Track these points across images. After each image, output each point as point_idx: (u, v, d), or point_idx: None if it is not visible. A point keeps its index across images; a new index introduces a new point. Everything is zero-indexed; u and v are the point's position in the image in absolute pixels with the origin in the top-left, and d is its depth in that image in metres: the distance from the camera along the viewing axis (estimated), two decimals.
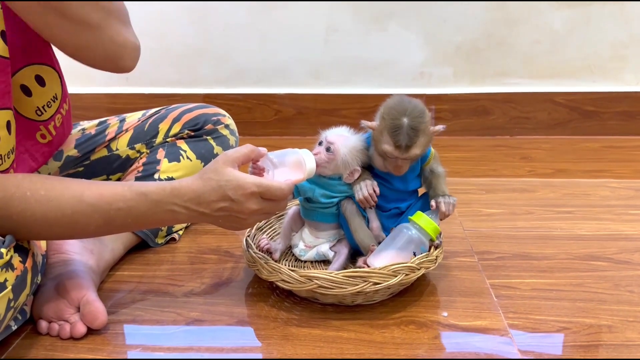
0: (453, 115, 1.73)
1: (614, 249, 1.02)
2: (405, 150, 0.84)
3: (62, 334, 0.79)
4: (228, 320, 0.84)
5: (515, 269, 0.96)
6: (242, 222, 0.79)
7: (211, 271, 0.98)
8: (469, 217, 1.16)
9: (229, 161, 0.77)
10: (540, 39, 1.66)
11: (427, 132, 0.85)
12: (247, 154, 0.79)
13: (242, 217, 0.77)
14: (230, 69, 1.74)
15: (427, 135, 0.85)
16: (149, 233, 1.04)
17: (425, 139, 0.85)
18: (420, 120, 0.84)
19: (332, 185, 0.90)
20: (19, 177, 0.73)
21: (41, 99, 0.90)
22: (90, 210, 0.74)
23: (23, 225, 0.72)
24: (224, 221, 0.79)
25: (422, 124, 0.84)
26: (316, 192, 0.91)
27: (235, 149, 0.80)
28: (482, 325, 0.81)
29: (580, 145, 1.64)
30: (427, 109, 0.86)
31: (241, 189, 0.75)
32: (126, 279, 0.96)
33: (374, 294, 0.83)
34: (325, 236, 0.95)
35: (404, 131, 0.83)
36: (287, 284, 0.82)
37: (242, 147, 0.80)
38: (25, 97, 0.87)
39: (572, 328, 0.80)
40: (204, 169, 0.78)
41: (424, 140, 0.85)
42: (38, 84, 0.89)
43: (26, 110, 0.88)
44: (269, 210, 0.79)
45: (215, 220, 0.79)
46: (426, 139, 0.85)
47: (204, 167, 1.12)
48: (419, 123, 0.83)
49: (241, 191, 0.75)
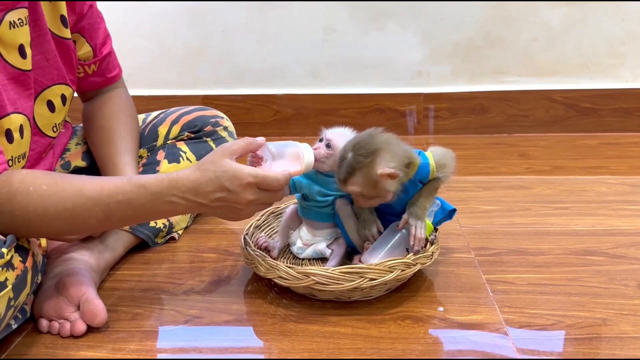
0: (451, 114, 1.74)
1: (610, 243, 1.03)
2: (343, 184, 0.83)
3: (62, 332, 0.80)
4: (227, 317, 0.85)
5: (511, 264, 0.97)
6: (239, 213, 0.80)
7: (210, 269, 0.99)
8: (466, 214, 1.17)
9: (227, 153, 0.78)
10: (537, 36, 1.67)
11: (369, 173, 0.81)
12: (245, 147, 0.80)
13: (239, 207, 0.78)
14: (229, 70, 1.75)
15: (368, 176, 0.81)
16: (149, 233, 1.05)
17: (366, 180, 0.81)
18: (361, 160, 0.81)
19: (329, 182, 0.91)
20: (23, 173, 0.75)
21: (59, 117, 0.94)
22: (91, 204, 0.75)
23: (25, 220, 0.73)
24: (222, 211, 0.80)
25: (360, 163, 0.81)
26: (313, 189, 0.92)
27: (233, 142, 0.81)
28: (478, 319, 0.82)
29: (578, 142, 1.64)
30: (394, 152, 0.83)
31: (237, 179, 0.76)
32: (126, 278, 0.97)
33: (371, 290, 0.84)
34: (322, 234, 0.96)
35: (343, 165, 0.82)
36: (284, 280, 0.83)
37: (240, 140, 0.81)
38: (48, 112, 0.91)
39: (567, 321, 0.81)
40: (201, 161, 0.79)
41: (364, 181, 0.81)
42: (61, 103, 0.93)
43: (46, 126, 0.92)
44: (265, 200, 0.80)
45: (213, 210, 0.80)
46: (367, 180, 0.81)
47: None
48: (357, 162, 0.81)
49: (237, 182, 0.76)
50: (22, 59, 0.81)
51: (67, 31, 0.92)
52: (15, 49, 0.80)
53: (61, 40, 0.92)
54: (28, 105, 0.84)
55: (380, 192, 0.84)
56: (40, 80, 0.88)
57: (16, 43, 0.80)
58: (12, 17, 0.78)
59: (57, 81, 0.92)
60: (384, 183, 0.82)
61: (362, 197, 0.85)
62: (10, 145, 0.81)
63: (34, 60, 0.86)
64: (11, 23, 0.78)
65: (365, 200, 0.85)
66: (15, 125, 0.80)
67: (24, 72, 0.82)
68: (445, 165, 0.89)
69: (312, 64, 1.73)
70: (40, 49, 0.87)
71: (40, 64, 0.88)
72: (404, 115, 1.74)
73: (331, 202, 0.93)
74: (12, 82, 0.81)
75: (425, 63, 1.72)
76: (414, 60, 1.72)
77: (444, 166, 0.89)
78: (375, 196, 0.84)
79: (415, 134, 1.74)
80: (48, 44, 0.89)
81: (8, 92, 0.80)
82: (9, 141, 0.80)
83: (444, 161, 0.89)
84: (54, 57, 0.90)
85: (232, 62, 1.74)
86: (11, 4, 0.78)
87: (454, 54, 1.71)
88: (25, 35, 0.81)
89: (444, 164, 0.89)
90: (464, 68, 1.72)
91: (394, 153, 0.82)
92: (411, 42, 1.70)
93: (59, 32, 0.91)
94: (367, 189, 0.82)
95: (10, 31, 0.78)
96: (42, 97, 0.90)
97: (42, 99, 0.90)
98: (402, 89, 1.73)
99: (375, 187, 0.82)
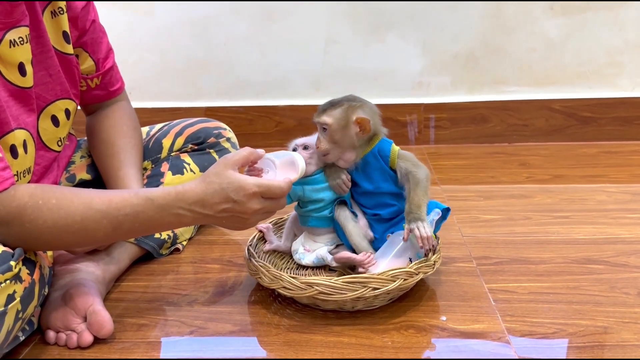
0: (452, 124, 1.75)
1: (610, 252, 1.04)
2: (321, 113, 0.91)
3: (69, 343, 0.81)
4: (231, 327, 0.85)
5: (513, 273, 0.98)
6: (244, 222, 0.81)
7: (214, 280, 1.00)
8: (467, 223, 1.18)
9: (229, 164, 0.80)
10: (536, 46, 1.69)
11: (347, 113, 0.89)
12: (246, 157, 0.82)
13: (244, 217, 0.80)
14: (231, 81, 1.77)
15: (345, 115, 0.89)
16: (154, 245, 1.06)
17: (341, 117, 0.89)
18: (351, 102, 0.90)
19: (316, 180, 0.94)
20: (32, 187, 0.76)
21: (64, 131, 0.96)
22: (99, 217, 0.76)
23: (34, 233, 0.74)
24: (227, 222, 0.81)
25: (347, 102, 0.90)
26: (306, 190, 0.94)
27: (235, 153, 0.83)
28: (481, 328, 0.82)
29: (578, 151, 1.65)
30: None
31: (243, 190, 0.78)
32: (131, 289, 0.98)
33: (374, 299, 0.85)
34: (323, 240, 0.97)
35: (330, 102, 0.91)
36: (288, 290, 0.84)
37: (241, 150, 0.83)
38: (53, 127, 0.93)
39: (569, 330, 0.81)
40: (205, 173, 0.81)
41: (339, 116, 0.89)
42: (65, 117, 0.95)
43: (50, 141, 0.93)
44: (269, 208, 0.82)
45: (219, 221, 0.81)
46: (342, 118, 0.89)
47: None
48: (345, 101, 0.90)
49: (243, 192, 0.78)
50: (22, 77, 0.82)
51: (69, 47, 0.94)
52: (15, 67, 0.81)
53: (64, 56, 0.93)
54: (30, 121, 0.86)
55: (344, 138, 0.90)
56: (43, 96, 0.90)
57: (16, 61, 0.81)
58: (13, 36, 0.80)
59: (60, 96, 0.93)
60: (353, 130, 0.89)
61: (327, 136, 0.90)
62: (15, 161, 0.82)
63: (37, 77, 0.87)
64: (11, 42, 0.80)
65: (328, 142, 0.90)
66: (19, 141, 0.82)
67: (24, 89, 0.83)
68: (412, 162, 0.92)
69: (313, 75, 1.75)
70: (43, 65, 0.89)
71: (43, 80, 0.90)
72: (405, 125, 1.76)
73: (327, 204, 0.95)
74: (13, 98, 0.82)
75: (426, 74, 1.73)
76: (414, 71, 1.73)
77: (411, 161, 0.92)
78: (337, 140, 0.90)
79: (417, 144, 1.76)
80: (51, 60, 0.90)
81: (10, 108, 0.82)
82: (13, 157, 0.82)
83: (410, 157, 0.92)
84: (57, 72, 0.92)
85: (234, 73, 1.76)
86: (12, 23, 0.80)
87: (454, 65, 1.72)
88: (25, 53, 0.83)
89: (410, 159, 0.92)
90: (464, 78, 1.73)
91: (373, 118, 0.91)
92: (411, 53, 1.71)
93: (62, 48, 0.93)
94: (337, 126, 0.89)
95: (10, 50, 0.80)
96: (46, 112, 0.91)
97: (46, 114, 0.91)
98: (402, 100, 1.75)
99: (345, 128, 0.89)
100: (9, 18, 0.79)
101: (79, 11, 0.96)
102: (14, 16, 0.80)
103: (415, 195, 0.87)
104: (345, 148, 0.91)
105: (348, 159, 0.92)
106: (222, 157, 0.82)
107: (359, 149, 0.92)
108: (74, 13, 0.95)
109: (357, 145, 0.91)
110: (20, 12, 0.81)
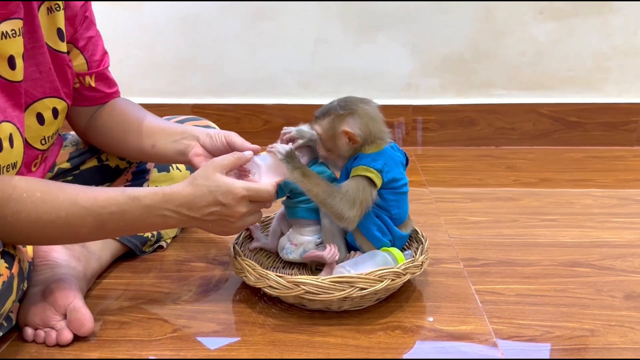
0: (439, 126, 1.75)
1: (597, 255, 1.04)
2: (314, 121, 0.89)
3: (48, 341, 0.79)
4: (215, 327, 0.84)
5: (499, 275, 0.97)
6: (230, 226, 0.82)
7: (199, 278, 0.98)
8: (454, 225, 1.18)
9: (218, 167, 0.80)
10: (525, 51, 1.69)
11: (335, 124, 0.87)
12: (234, 161, 0.82)
13: (231, 220, 0.80)
14: (219, 79, 1.76)
15: (333, 126, 0.87)
16: (136, 242, 1.04)
17: (330, 127, 0.87)
18: (338, 110, 0.87)
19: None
20: (16, 179, 0.74)
21: (50, 130, 0.93)
22: (84, 213, 0.75)
23: (16, 226, 0.72)
24: (214, 225, 0.81)
25: (335, 111, 0.87)
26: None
27: (223, 157, 0.82)
28: (467, 330, 0.82)
29: (564, 156, 1.66)
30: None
31: (231, 193, 0.78)
32: (113, 287, 0.96)
33: (361, 300, 0.84)
34: (310, 232, 0.95)
35: (324, 107, 0.89)
36: (274, 290, 0.83)
37: (229, 155, 0.83)
38: (37, 125, 0.90)
39: (556, 332, 0.81)
40: (193, 175, 0.80)
41: (328, 127, 0.87)
42: (52, 116, 0.92)
43: (33, 139, 0.91)
44: (256, 211, 0.83)
45: (204, 224, 0.81)
46: (330, 128, 0.87)
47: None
48: (333, 109, 0.87)
49: (231, 195, 0.78)
50: (11, 70, 0.80)
51: (63, 45, 0.92)
52: (4, 59, 0.79)
53: (56, 54, 0.91)
54: (16, 114, 0.83)
55: (334, 148, 0.89)
56: (31, 92, 0.88)
57: (6, 53, 0.79)
58: (5, 28, 0.78)
59: (49, 94, 0.91)
60: (341, 141, 0.87)
61: (321, 142, 0.90)
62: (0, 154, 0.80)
63: (27, 72, 0.85)
64: (3, 33, 0.78)
65: (323, 149, 0.90)
66: (4, 134, 0.80)
67: (12, 83, 0.81)
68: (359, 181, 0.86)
69: (302, 75, 1.74)
70: (34, 60, 0.87)
71: (32, 76, 0.87)
72: (393, 127, 1.75)
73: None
74: (0, 91, 0.80)
75: (415, 75, 1.73)
76: (403, 72, 1.73)
77: (359, 182, 0.86)
78: (330, 149, 0.90)
79: (404, 146, 1.75)
80: (43, 56, 0.88)
81: None
82: None
83: (353, 191, 0.86)
84: (48, 69, 0.89)
85: (222, 71, 1.75)
86: (5, 14, 0.78)
87: (443, 67, 1.72)
88: (17, 46, 0.81)
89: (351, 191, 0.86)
90: (453, 81, 1.74)
91: (366, 125, 0.87)
92: (401, 54, 1.71)
93: (55, 45, 0.91)
94: (326, 136, 0.88)
95: (2, 42, 0.78)
96: (31, 109, 0.89)
97: (31, 110, 0.89)
98: (391, 101, 1.74)
99: (333, 139, 0.88)
100: (3, 9, 0.77)
101: (77, 9, 0.94)
102: (9, 8, 0.78)
103: (315, 184, 0.84)
104: (339, 155, 0.90)
105: (340, 164, 0.92)
106: (210, 161, 0.82)
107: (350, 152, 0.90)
108: (72, 12, 0.93)
109: (349, 155, 0.89)
110: (15, 4, 0.79)
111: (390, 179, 0.88)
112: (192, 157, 0.94)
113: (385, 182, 0.87)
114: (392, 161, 0.89)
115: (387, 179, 0.87)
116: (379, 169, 0.86)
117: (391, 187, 0.89)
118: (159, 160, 1.02)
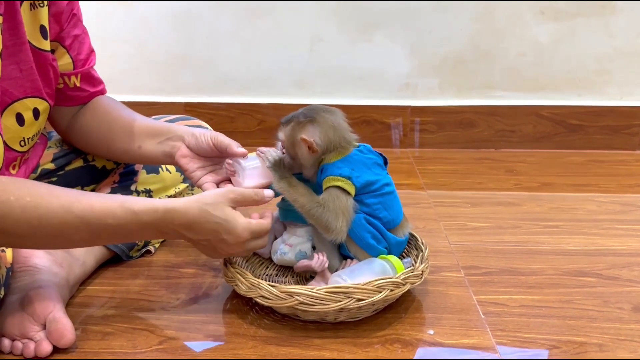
0: (438, 128, 1.71)
1: (602, 264, 1.00)
2: (279, 128, 0.87)
3: (26, 353, 0.75)
4: (204, 338, 0.79)
5: (502, 284, 0.93)
6: (220, 254, 0.81)
7: (187, 286, 0.93)
8: (454, 231, 1.14)
9: (231, 200, 0.78)
10: (525, 51, 1.66)
11: (294, 131, 0.84)
12: (252, 201, 0.81)
13: (222, 252, 0.80)
14: (213, 77, 1.71)
15: (293, 133, 0.85)
16: (123, 247, 1.00)
17: (290, 135, 0.85)
18: (299, 117, 0.85)
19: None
20: (4, 180, 0.70)
21: (30, 131, 0.88)
22: (78, 222, 0.71)
23: (2, 231, 0.68)
24: (204, 248, 0.80)
25: (296, 119, 0.85)
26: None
27: (243, 190, 0.80)
28: (470, 343, 0.78)
29: (566, 159, 1.63)
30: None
31: (234, 234, 0.77)
32: (97, 294, 0.91)
33: (358, 311, 0.80)
34: (304, 233, 0.91)
35: (288, 115, 0.87)
36: (266, 300, 0.78)
37: (251, 191, 0.81)
38: (17, 126, 0.86)
39: (562, 347, 0.77)
40: (203, 197, 0.77)
41: (289, 134, 0.85)
42: (33, 117, 0.88)
43: (12, 140, 0.86)
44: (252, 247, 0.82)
45: (196, 244, 0.80)
46: (291, 136, 0.85)
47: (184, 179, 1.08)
48: (295, 117, 0.85)
49: (234, 235, 0.77)
50: None
51: (46, 43, 0.87)
52: None
53: (39, 52, 0.86)
54: None
55: (296, 155, 0.86)
56: (10, 92, 0.83)
57: None
58: None
59: (30, 94, 0.86)
60: (301, 149, 0.85)
61: (285, 150, 0.87)
62: None
63: (6, 71, 0.80)
64: None
65: (288, 157, 0.87)
66: None
67: None
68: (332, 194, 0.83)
69: (298, 74, 1.70)
70: (14, 58, 0.82)
71: (12, 75, 0.82)
72: (390, 128, 1.71)
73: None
74: None
75: (413, 75, 1.69)
76: (401, 72, 1.69)
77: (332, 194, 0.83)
78: (294, 157, 0.87)
79: (401, 147, 1.71)
80: (24, 54, 0.83)
81: None
82: None
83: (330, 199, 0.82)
84: (29, 68, 0.85)
85: (216, 69, 1.70)
86: None
87: (442, 67, 1.68)
88: None
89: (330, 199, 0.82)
90: (452, 82, 1.70)
91: (326, 134, 0.84)
92: (399, 54, 1.67)
93: (38, 43, 0.86)
94: (288, 143, 0.86)
95: None
96: (11, 109, 0.84)
97: (11, 111, 0.84)
98: (389, 101, 1.70)
99: (293, 146, 0.86)
100: None
101: (64, 6, 0.89)
102: None
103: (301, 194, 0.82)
104: (301, 164, 0.87)
105: (307, 174, 0.88)
106: (227, 189, 0.80)
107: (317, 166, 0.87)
108: (58, 8, 0.88)
109: (311, 164, 0.86)
110: None
111: (364, 183, 0.83)
112: (178, 158, 0.91)
113: (360, 188, 0.83)
114: (361, 164, 0.85)
115: (360, 184, 0.83)
116: (347, 175, 0.82)
117: (369, 191, 0.84)
118: (146, 161, 0.98)
